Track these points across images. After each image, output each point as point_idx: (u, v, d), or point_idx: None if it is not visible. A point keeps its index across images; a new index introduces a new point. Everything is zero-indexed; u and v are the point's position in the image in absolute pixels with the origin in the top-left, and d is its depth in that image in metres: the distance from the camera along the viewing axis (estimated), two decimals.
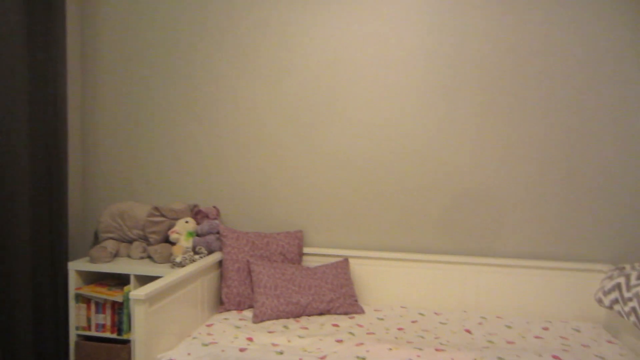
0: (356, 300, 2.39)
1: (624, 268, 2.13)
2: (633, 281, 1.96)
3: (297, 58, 2.63)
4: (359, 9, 2.55)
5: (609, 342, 2.03)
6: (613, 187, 2.38)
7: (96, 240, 2.79)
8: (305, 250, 2.61)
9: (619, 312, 2.01)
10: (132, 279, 2.38)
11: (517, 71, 2.43)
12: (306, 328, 2.13)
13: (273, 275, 2.32)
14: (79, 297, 2.46)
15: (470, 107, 2.48)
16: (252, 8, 2.65)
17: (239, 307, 2.36)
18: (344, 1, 2.56)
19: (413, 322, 2.26)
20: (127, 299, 2.40)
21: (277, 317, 2.23)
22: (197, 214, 2.62)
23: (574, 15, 2.37)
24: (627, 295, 1.95)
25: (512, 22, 2.42)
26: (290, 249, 2.52)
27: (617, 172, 2.38)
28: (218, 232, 2.53)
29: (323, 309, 2.30)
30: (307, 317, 2.28)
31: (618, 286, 2.03)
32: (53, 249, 2.47)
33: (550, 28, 2.39)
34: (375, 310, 2.42)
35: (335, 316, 2.31)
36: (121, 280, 2.60)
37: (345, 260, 2.50)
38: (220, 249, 2.49)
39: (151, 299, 1.83)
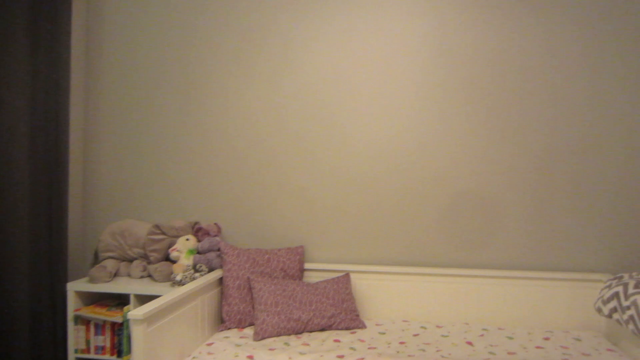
0: (357, 315, 2.39)
1: (622, 277, 2.14)
2: (631, 290, 1.98)
3: (297, 75, 2.67)
4: (359, 28, 2.60)
5: (609, 350, 2.03)
6: (610, 197, 2.41)
7: (96, 259, 2.79)
8: (307, 265, 2.61)
9: (618, 321, 2.02)
10: (132, 298, 2.37)
11: (512, 84, 2.48)
12: (307, 344, 2.12)
13: (274, 291, 2.32)
14: (78, 319, 2.44)
15: (468, 120, 2.52)
16: (252, 24, 2.70)
17: (240, 324, 2.35)
18: (344, 19, 2.62)
19: (415, 335, 2.25)
20: (126, 320, 2.39)
21: (278, 334, 2.23)
22: (198, 231, 2.63)
23: (571, 26, 2.43)
24: (625, 303, 1.96)
25: (502, 37, 2.47)
26: (291, 265, 2.52)
27: (614, 182, 2.41)
28: (219, 249, 2.54)
29: (324, 324, 2.30)
30: (308, 333, 2.28)
31: (616, 295, 2.04)
32: (52, 270, 2.46)
33: (552, 38, 2.45)
34: (376, 324, 2.41)
35: (337, 331, 2.30)
36: (121, 301, 2.59)
37: (347, 275, 2.50)
38: (221, 266, 2.50)
39: (150, 319, 1.82)
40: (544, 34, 2.44)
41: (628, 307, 1.94)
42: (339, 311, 2.34)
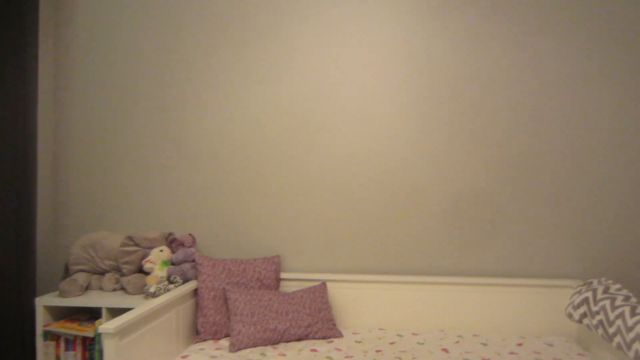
0: (334, 324, 2.39)
1: (591, 283, 2.20)
2: (599, 295, 2.03)
3: (274, 83, 2.67)
4: (338, 38, 2.62)
5: (580, 354, 2.08)
6: (580, 206, 2.48)
7: (66, 273, 2.72)
8: (283, 275, 2.60)
9: (588, 326, 2.07)
10: (104, 312, 2.32)
11: (492, 94, 2.53)
12: (284, 355, 2.11)
13: (250, 302, 2.30)
14: (48, 335, 2.37)
15: (444, 131, 2.56)
16: (230, 33, 2.70)
17: (216, 336, 2.32)
18: (323, 29, 2.64)
19: (391, 343, 2.26)
20: (98, 334, 2.33)
21: (255, 345, 2.20)
22: (172, 242, 2.59)
23: (553, 36, 2.50)
24: (594, 309, 2.01)
25: (485, 46, 2.53)
26: (267, 275, 2.51)
27: (583, 192, 2.48)
28: (193, 260, 2.50)
29: (301, 334, 2.29)
30: (285, 343, 2.26)
31: (586, 300, 2.09)
32: (19, 284, 2.38)
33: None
34: (353, 333, 2.41)
35: (314, 341, 2.29)
36: (93, 315, 2.52)
37: (323, 284, 2.50)
38: (196, 277, 2.46)
39: (122, 332, 1.78)
40: (527, 44, 2.50)
41: (597, 312, 1.99)
42: (316, 320, 2.33)
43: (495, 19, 2.51)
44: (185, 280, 2.45)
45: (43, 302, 2.37)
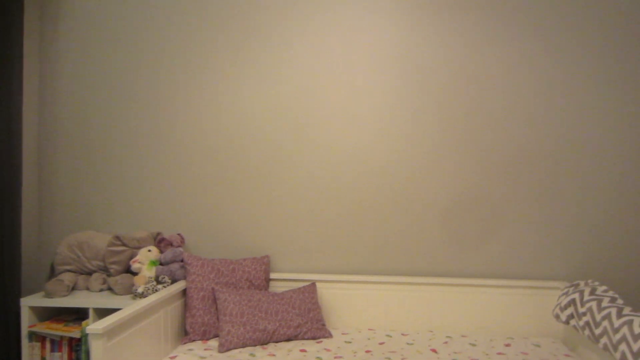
0: (324, 325, 2.39)
1: (578, 284, 2.22)
2: (586, 297, 2.05)
3: (264, 84, 2.66)
4: (329, 39, 2.62)
5: (567, 355, 2.10)
6: (568, 209, 2.50)
7: (52, 273, 2.68)
8: (273, 275, 2.59)
9: (575, 327, 2.09)
10: (90, 312, 2.29)
11: (478, 100, 2.54)
12: (273, 355, 2.10)
13: (239, 302, 2.28)
14: (33, 336, 2.33)
15: (436, 133, 2.57)
16: (222, 33, 2.68)
17: (204, 336, 2.31)
18: (314, 29, 2.63)
19: (380, 344, 2.27)
20: (85, 335, 2.30)
21: (244, 345, 2.19)
22: (161, 242, 2.57)
23: (544, 40, 2.52)
24: (581, 310, 2.03)
25: (473, 54, 2.55)
26: (256, 275, 2.50)
27: (571, 195, 2.50)
28: (182, 260, 2.48)
29: (290, 334, 2.28)
30: (274, 343, 2.25)
31: (573, 302, 2.12)
32: (4, 285, 2.34)
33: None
34: (343, 333, 2.41)
35: (303, 341, 2.29)
36: (80, 315, 2.49)
37: (313, 284, 2.49)
38: (185, 278, 2.44)
39: (109, 333, 1.76)
40: (521, 46, 2.51)
41: (584, 314, 2.01)
42: (305, 321, 2.33)
43: (489, 20, 2.53)
44: (174, 281, 2.43)
45: (28, 303, 2.33)
